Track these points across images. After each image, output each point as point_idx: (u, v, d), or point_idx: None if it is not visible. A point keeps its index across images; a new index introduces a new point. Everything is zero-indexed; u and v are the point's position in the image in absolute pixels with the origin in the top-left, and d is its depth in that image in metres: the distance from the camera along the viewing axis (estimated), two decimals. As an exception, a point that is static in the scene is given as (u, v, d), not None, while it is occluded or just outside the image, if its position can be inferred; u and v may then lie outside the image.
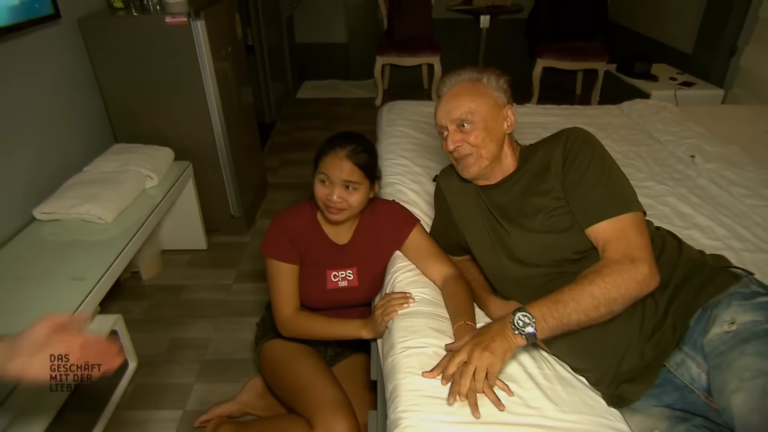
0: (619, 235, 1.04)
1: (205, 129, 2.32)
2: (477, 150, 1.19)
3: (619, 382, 1.03)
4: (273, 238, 1.42)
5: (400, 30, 4.04)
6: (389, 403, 1.05)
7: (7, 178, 1.73)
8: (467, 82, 1.24)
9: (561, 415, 1.00)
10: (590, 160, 1.11)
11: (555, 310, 0.98)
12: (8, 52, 1.72)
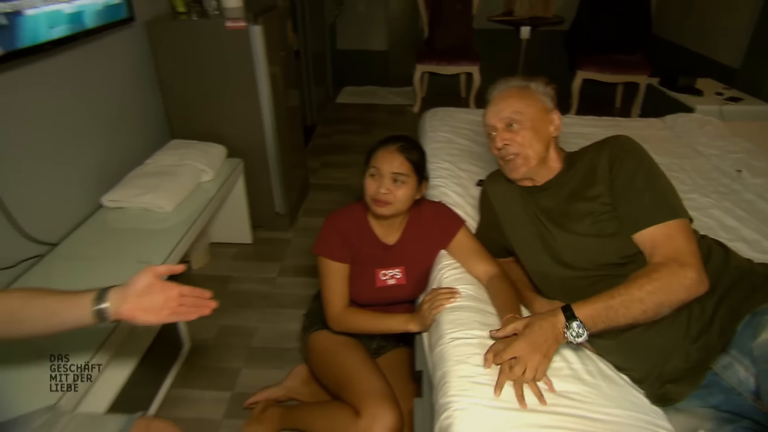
0: (666, 240, 1.07)
1: (256, 129, 2.43)
2: (524, 150, 1.24)
3: (664, 382, 1.05)
4: (326, 237, 1.50)
5: (441, 39, 4.11)
6: (438, 389, 1.11)
7: (81, 167, 1.87)
8: (516, 87, 1.30)
9: (604, 409, 1.03)
10: (637, 167, 1.15)
11: (606, 316, 1.01)
12: (89, 52, 1.87)
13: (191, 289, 0.99)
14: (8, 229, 1.50)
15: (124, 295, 0.94)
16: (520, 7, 3.87)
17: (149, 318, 0.95)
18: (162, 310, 0.95)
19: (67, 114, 1.78)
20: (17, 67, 1.53)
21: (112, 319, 0.94)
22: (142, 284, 0.95)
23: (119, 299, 0.94)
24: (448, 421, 1.01)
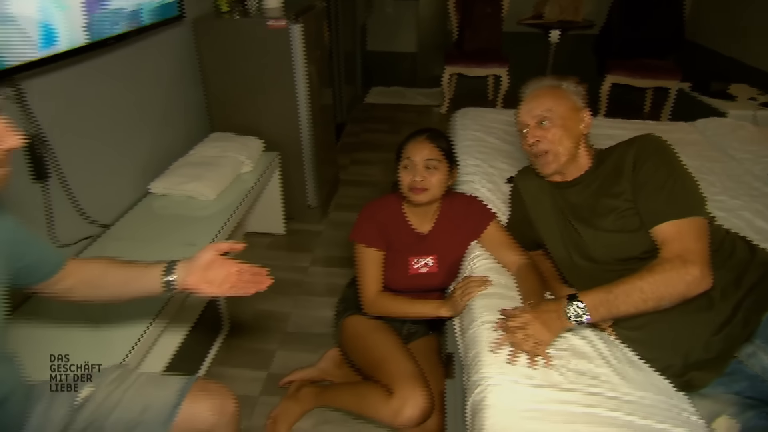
0: (675, 237, 1.10)
1: (292, 124, 2.52)
2: (554, 147, 1.28)
3: (688, 369, 1.09)
4: (362, 225, 1.57)
5: (470, 41, 4.16)
6: (471, 368, 1.17)
7: (133, 155, 1.99)
8: (548, 86, 1.34)
9: (630, 390, 1.08)
10: (660, 165, 1.18)
11: (606, 302, 1.08)
12: (143, 48, 1.99)
13: (249, 267, 1.09)
14: (70, 210, 1.62)
15: (190, 268, 1.03)
16: (550, 10, 3.90)
17: (211, 290, 1.04)
18: (223, 283, 1.05)
19: (123, 105, 1.90)
20: (87, 60, 1.66)
21: (178, 289, 1.04)
22: (206, 259, 1.04)
23: (185, 272, 1.03)
24: (481, 395, 1.07)
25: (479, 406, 1.06)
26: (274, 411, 1.65)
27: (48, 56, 1.39)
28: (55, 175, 1.54)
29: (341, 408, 1.62)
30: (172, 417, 1.01)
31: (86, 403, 1.00)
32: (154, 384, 1.07)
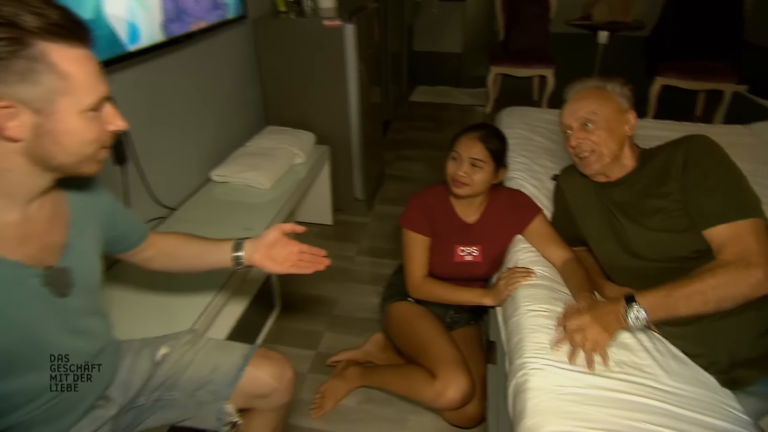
0: (735, 239, 1.07)
1: (343, 120, 2.58)
2: (599, 148, 1.26)
3: (733, 367, 1.09)
4: (411, 212, 1.62)
5: (517, 41, 4.13)
6: (514, 353, 1.20)
7: (197, 144, 2.10)
8: (593, 88, 1.32)
9: (673, 383, 1.09)
10: (712, 165, 1.15)
11: (666, 304, 1.06)
12: (211, 45, 2.10)
13: (309, 248, 1.16)
14: (143, 192, 1.74)
15: (256, 246, 1.12)
16: (599, 11, 3.83)
17: (274, 267, 1.12)
18: (285, 261, 1.12)
19: (190, 98, 2.01)
20: (162, 56, 1.77)
21: (245, 264, 1.12)
22: (271, 238, 1.12)
23: (252, 249, 1.12)
24: (524, 378, 1.10)
25: (522, 388, 1.09)
26: (322, 387, 1.72)
27: (132, 51, 1.50)
28: (132, 159, 1.66)
29: (385, 388, 1.67)
30: (237, 379, 1.09)
31: (164, 361, 1.10)
32: (222, 349, 1.15)
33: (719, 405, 1.06)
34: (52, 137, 0.73)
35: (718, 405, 1.06)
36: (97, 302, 0.97)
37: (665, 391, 1.07)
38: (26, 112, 0.71)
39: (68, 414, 0.92)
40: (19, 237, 0.78)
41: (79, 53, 0.74)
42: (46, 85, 0.71)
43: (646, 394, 1.05)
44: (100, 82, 0.77)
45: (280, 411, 1.21)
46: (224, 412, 1.07)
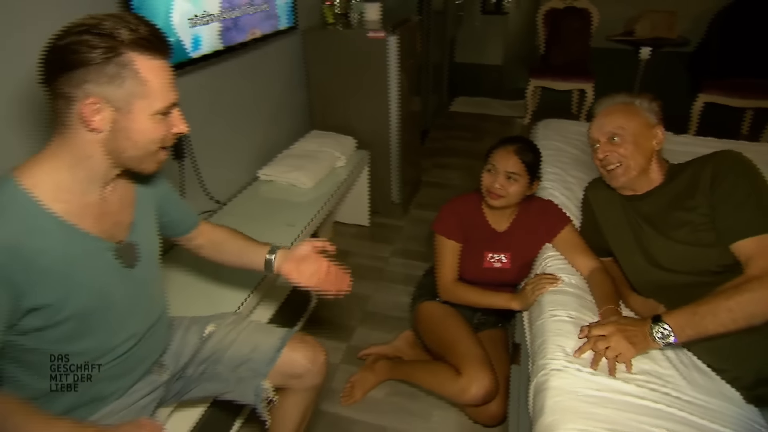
0: (762, 252, 1.05)
1: (383, 126, 2.63)
2: (626, 161, 1.27)
3: (759, 384, 1.06)
4: (444, 218, 1.65)
5: (557, 55, 4.11)
6: (536, 354, 1.22)
7: (247, 145, 2.21)
8: (621, 104, 1.33)
9: (696, 394, 1.07)
10: (740, 180, 1.14)
11: (693, 322, 1.03)
12: (264, 53, 2.21)
13: (337, 267, 1.20)
14: (197, 186, 1.84)
15: (288, 257, 1.18)
16: (641, 27, 3.76)
17: (300, 280, 1.16)
18: (312, 277, 1.17)
19: (243, 102, 2.12)
20: (219, 63, 1.88)
21: (274, 271, 1.18)
22: (303, 252, 1.18)
23: (282, 258, 1.18)
24: (544, 378, 1.12)
25: (542, 387, 1.10)
26: (353, 377, 1.77)
27: (196, 57, 1.61)
28: (188, 155, 1.76)
29: (412, 382, 1.71)
30: (275, 359, 1.16)
31: (210, 338, 1.17)
32: (262, 331, 1.22)
33: (742, 419, 1.04)
34: (126, 133, 0.83)
35: (740, 419, 1.04)
36: (156, 276, 1.06)
37: (687, 402, 1.05)
38: (108, 109, 0.81)
39: (129, 374, 1.01)
40: (97, 215, 0.88)
41: (159, 64, 0.84)
42: (128, 89, 0.81)
43: (667, 402, 1.04)
44: (172, 91, 0.87)
45: (312, 392, 1.26)
46: (262, 389, 1.13)
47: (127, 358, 0.98)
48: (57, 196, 0.82)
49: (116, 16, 0.80)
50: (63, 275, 0.82)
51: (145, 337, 1.02)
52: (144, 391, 1.04)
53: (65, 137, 0.82)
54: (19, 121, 1.21)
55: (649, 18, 3.75)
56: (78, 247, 0.85)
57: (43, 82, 0.80)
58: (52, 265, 0.81)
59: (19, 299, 0.77)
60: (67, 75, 0.78)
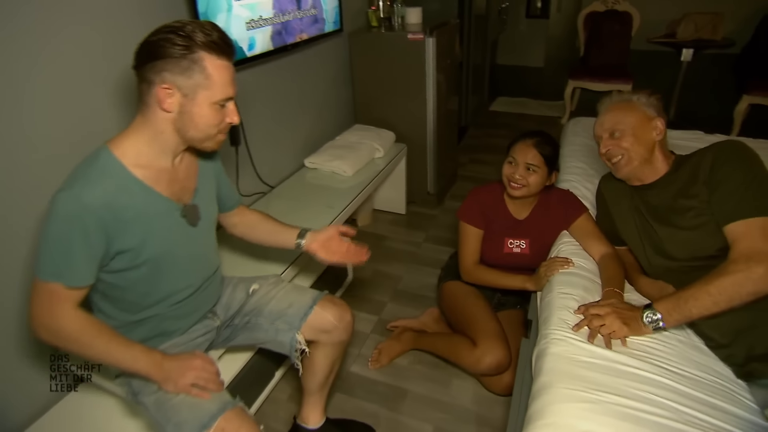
0: (744, 236, 1.07)
1: (421, 122, 2.72)
2: (627, 153, 1.30)
3: (750, 361, 1.09)
4: (468, 206, 1.71)
5: (596, 57, 4.04)
6: (542, 326, 1.27)
7: (295, 136, 2.35)
8: (619, 101, 1.37)
9: (686, 368, 1.10)
10: (736, 167, 1.15)
11: (678, 307, 1.08)
12: (313, 53, 2.34)
13: (356, 246, 1.35)
14: (250, 171, 2.00)
15: (315, 237, 1.33)
16: (684, 29, 3.63)
17: (327, 256, 1.32)
18: (335, 254, 1.32)
19: (293, 97, 2.26)
20: (271, 61, 2.02)
21: (303, 249, 1.33)
22: (329, 234, 1.34)
23: (311, 239, 1.33)
24: (545, 345, 1.18)
25: (543, 353, 1.16)
26: (381, 345, 1.88)
27: (251, 56, 1.76)
28: (243, 143, 1.92)
29: (434, 352, 1.80)
30: (308, 314, 1.29)
31: (254, 294, 1.32)
32: (298, 291, 1.36)
33: (730, 392, 1.07)
34: (189, 116, 0.98)
35: (728, 392, 1.07)
36: (213, 237, 1.22)
37: (678, 374, 1.08)
38: (178, 95, 0.95)
39: (189, 317, 1.18)
40: (168, 180, 1.04)
41: (223, 63, 0.97)
42: (196, 80, 0.94)
43: (657, 372, 1.07)
44: (231, 86, 1.00)
45: (339, 347, 1.38)
46: (296, 341, 1.27)
47: (187, 303, 1.14)
48: (138, 163, 0.99)
49: (196, 23, 0.95)
50: (142, 227, 0.99)
51: (202, 287, 1.18)
52: (200, 332, 1.21)
53: (146, 116, 0.98)
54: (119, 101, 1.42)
55: (692, 20, 3.62)
56: (154, 205, 1.01)
57: (134, 67, 0.96)
58: (134, 218, 0.97)
59: (110, 243, 0.95)
60: (152, 63, 0.92)
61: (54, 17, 1.22)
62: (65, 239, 0.91)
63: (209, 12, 1.58)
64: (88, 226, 0.91)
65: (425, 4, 2.85)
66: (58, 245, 0.91)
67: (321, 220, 1.90)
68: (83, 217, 0.90)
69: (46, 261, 0.92)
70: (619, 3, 3.95)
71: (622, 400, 1.01)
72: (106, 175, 0.94)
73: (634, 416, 0.98)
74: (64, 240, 0.91)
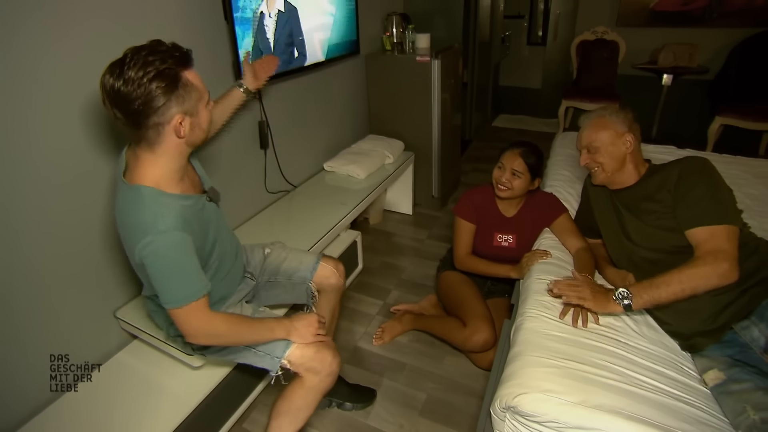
0: (709, 239, 1.14)
1: (427, 134, 2.78)
2: (601, 165, 1.38)
3: (693, 335, 1.16)
4: (462, 204, 1.79)
5: (587, 80, 4.08)
6: (520, 306, 1.36)
7: (316, 142, 2.45)
8: (595, 118, 1.43)
9: (640, 342, 1.18)
10: (699, 180, 1.22)
11: (649, 290, 1.14)
12: (333, 71, 2.45)
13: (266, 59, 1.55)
14: (277, 171, 2.11)
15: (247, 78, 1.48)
16: (664, 57, 3.67)
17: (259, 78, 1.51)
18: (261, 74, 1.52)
19: (315, 108, 2.37)
20: (299, 76, 2.13)
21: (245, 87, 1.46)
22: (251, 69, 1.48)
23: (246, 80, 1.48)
24: (521, 320, 1.26)
25: (519, 327, 1.25)
26: (384, 325, 1.96)
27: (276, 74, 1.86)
28: (271, 146, 2.03)
29: (430, 331, 1.87)
30: (316, 268, 1.45)
31: (269, 256, 1.46)
32: (303, 252, 1.52)
33: (675, 362, 1.14)
34: (198, 126, 1.01)
35: (673, 361, 1.14)
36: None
37: (632, 347, 1.16)
38: (187, 119, 0.97)
39: (235, 280, 1.30)
40: (188, 183, 1.10)
41: (194, 72, 0.98)
42: (194, 98, 0.97)
43: (615, 345, 1.16)
44: (204, 86, 1.01)
45: (336, 293, 1.53)
46: (310, 290, 1.42)
47: (233, 269, 1.26)
48: (170, 184, 1.02)
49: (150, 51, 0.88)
50: (201, 225, 1.08)
51: (237, 254, 1.30)
52: (244, 292, 1.34)
53: (157, 150, 0.98)
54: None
55: (671, 49, 3.67)
56: (195, 205, 1.07)
57: (132, 126, 0.92)
58: (196, 222, 1.04)
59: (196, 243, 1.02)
60: (154, 112, 0.91)
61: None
62: (180, 265, 0.95)
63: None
64: (188, 244, 0.96)
65: (434, 31, 2.95)
66: (178, 274, 0.96)
67: (336, 215, 2.00)
68: (180, 238, 0.95)
69: (176, 291, 0.96)
70: (608, 33, 4.00)
71: (581, 366, 1.09)
72: (161, 204, 0.97)
73: (589, 379, 1.05)
74: (179, 266, 0.95)
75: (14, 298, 1.18)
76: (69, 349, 1.30)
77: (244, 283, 1.35)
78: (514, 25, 5.80)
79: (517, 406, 1.03)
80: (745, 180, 2.05)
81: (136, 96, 0.88)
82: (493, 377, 1.34)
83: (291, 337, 1.17)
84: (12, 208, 1.15)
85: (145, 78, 0.87)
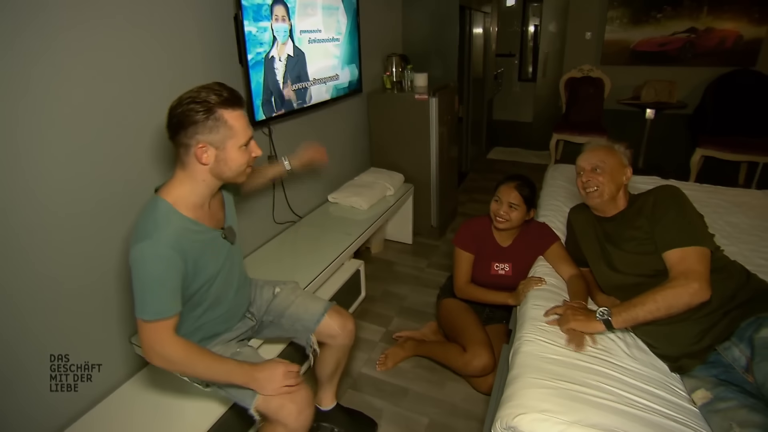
0: (681, 260, 1.19)
1: (425, 167, 2.88)
2: (602, 187, 1.43)
3: (680, 357, 1.20)
4: (461, 234, 1.85)
5: (575, 114, 4.24)
6: (517, 331, 1.40)
7: (322, 176, 2.52)
8: (605, 145, 1.50)
9: (632, 364, 1.22)
10: (672, 206, 1.29)
11: (627, 310, 1.20)
12: (337, 109, 2.55)
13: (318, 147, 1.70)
14: (284, 203, 2.18)
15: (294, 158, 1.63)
16: (646, 93, 3.85)
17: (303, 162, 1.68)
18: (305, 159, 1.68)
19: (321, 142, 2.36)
20: (305, 114, 2.22)
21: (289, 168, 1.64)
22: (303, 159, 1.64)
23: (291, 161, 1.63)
24: (519, 343, 1.30)
25: (517, 351, 1.29)
26: (387, 351, 1.98)
27: (285, 112, 1.97)
28: (279, 179, 2.11)
29: (431, 357, 1.90)
30: (319, 321, 1.39)
31: (278, 296, 1.43)
32: (311, 298, 1.45)
33: (664, 382, 1.18)
34: (224, 162, 1.05)
35: (663, 382, 1.18)
36: (241, 251, 1.32)
37: (625, 368, 1.20)
38: (212, 149, 1.03)
39: (234, 318, 1.30)
40: (208, 215, 1.13)
41: (238, 113, 1.03)
42: (222, 134, 1.02)
43: (608, 367, 1.20)
44: (249, 129, 1.07)
45: (343, 350, 1.48)
46: (311, 340, 1.38)
47: (231, 306, 1.26)
48: (187, 206, 1.06)
49: (208, 88, 1.01)
50: (202, 255, 1.08)
51: (239, 292, 1.28)
52: (241, 330, 1.32)
53: (186, 170, 1.05)
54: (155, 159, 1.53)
55: (652, 86, 3.85)
56: (205, 236, 1.09)
57: (170, 138, 1.02)
58: (196, 249, 1.06)
59: (186, 273, 1.04)
60: (184, 131, 0.99)
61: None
62: (160, 278, 0.96)
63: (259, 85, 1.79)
64: (175, 262, 0.97)
65: (431, 70, 3.09)
66: (154, 286, 0.96)
67: (340, 245, 2.06)
68: (169, 255, 0.97)
69: (147, 303, 0.97)
70: (593, 71, 4.19)
71: (576, 387, 1.13)
72: (170, 219, 1.00)
73: (585, 399, 1.09)
74: (159, 279, 0.96)
75: (31, 327, 1.21)
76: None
77: (242, 322, 1.32)
78: (506, 63, 6.06)
79: (516, 426, 1.06)
80: (725, 209, 2.13)
81: (175, 113, 1.00)
82: (493, 400, 1.38)
83: (251, 387, 1.11)
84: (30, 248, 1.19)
85: (188, 101, 0.99)
